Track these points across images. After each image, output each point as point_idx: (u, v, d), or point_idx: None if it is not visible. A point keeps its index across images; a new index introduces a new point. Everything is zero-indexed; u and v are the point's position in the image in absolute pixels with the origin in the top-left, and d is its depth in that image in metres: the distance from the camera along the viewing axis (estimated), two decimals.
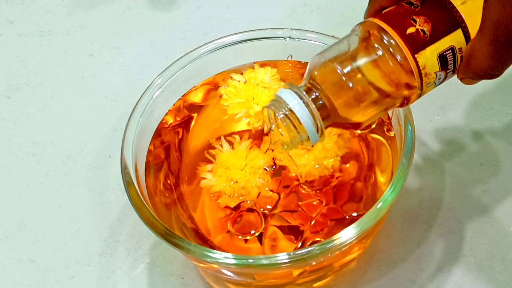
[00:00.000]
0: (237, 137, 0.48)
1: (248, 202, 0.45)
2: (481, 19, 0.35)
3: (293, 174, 0.46)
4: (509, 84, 0.58)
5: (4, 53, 0.66)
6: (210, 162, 0.47)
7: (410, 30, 0.36)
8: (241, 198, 0.45)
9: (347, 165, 0.46)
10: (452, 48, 0.37)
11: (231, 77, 0.50)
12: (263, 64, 0.50)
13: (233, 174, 0.45)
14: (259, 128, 0.48)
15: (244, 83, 0.49)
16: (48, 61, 0.65)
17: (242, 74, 0.50)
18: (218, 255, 0.40)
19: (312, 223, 0.44)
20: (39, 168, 0.57)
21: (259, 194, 0.45)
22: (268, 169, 0.46)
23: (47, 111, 0.61)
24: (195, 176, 0.47)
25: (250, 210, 0.45)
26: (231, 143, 0.47)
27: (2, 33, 0.68)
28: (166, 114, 0.49)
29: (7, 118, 0.61)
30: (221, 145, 0.47)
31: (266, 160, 0.46)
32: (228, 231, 0.45)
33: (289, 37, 0.49)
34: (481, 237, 0.49)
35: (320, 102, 0.37)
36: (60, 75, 0.64)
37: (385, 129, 0.47)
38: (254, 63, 0.50)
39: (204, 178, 0.46)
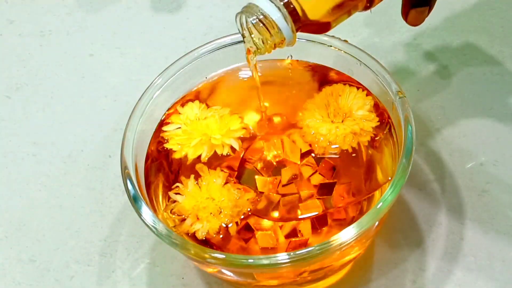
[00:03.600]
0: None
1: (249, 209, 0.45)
2: None
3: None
4: (509, 83, 0.58)
5: (4, 53, 0.66)
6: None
7: None
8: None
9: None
10: None
11: (166, 130, 0.48)
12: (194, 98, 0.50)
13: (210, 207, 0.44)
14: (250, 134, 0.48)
15: (184, 125, 0.48)
16: (48, 61, 0.65)
17: (171, 123, 0.48)
18: (218, 255, 0.40)
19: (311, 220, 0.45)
20: (39, 168, 0.57)
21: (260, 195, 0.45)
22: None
23: (47, 111, 0.61)
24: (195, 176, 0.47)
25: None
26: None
27: (2, 33, 0.68)
28: (166, 114, 0.49)
29: (7, 118, 0.61)
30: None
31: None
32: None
33: None
34: (481, 237, 0.49)
35: (291, 6, 0.41)
36: (60, 75, 0.64)
37: (386, 128, 0.47)
38: (176, 107, 0.49)
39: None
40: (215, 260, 0.40)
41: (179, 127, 0.48)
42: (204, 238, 0.43)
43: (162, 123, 0.49)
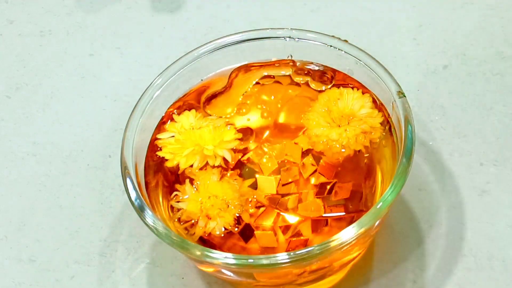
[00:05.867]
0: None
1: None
2: None
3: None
4: (509, 84, 0.58)
5: (4, 53, 0.66)
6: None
7: None
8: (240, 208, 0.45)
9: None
10: None
11: (160, 138, 0.48)
12: (183, 106, 0.49)
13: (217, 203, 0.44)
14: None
15: (178, 133, 0.47)
16: (48, 61, 0.65)
17: (166, 131, 0.48)
18: (218, 255, 0.40)
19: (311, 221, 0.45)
20: (39, 168, 0.57)
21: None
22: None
23: (47, 111, 0.61)
24: None
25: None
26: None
27: (2, 33, 0.68)
28: (166, 114, 0.49)
29: (7, 118, 0.61)
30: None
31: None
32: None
33: (289, 37, 0.49)
34: (481, 237, 0.49)
35: None
36: (60, 75, 0.64)
37: (386, 128, 0.47)
38: (172, 114, 0.49)
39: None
40: (215, 260, 0.40)
41: (173, 136, 0.48)
42: (222, 235, 0.44)
43: (162, 123, 0.49)
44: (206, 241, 0.44)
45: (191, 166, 0.46)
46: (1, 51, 0.66)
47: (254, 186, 0.46)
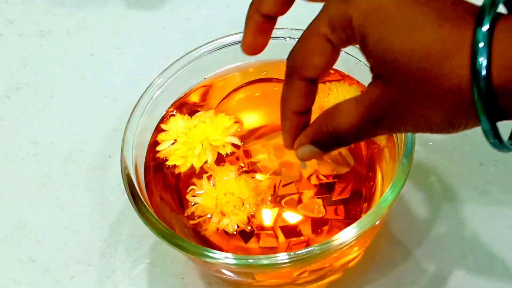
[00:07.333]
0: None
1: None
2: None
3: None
4: None
5: (4, 53, 0.66)
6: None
7: None
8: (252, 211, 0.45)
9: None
10: None
11: (160, 150, 0.48)
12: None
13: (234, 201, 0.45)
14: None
15: (179, 137, 0.48)
16: (48, 61, 0.65)
17: (161, 142, 0.48)
18: (218, 255, 0.40)
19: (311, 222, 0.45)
20: (39, 168, 0.57)
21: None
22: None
23: (47, 111, 0.61)
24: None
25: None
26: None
27: (2, 33, 0.68)
28: (166, 114, 0.49)
29: (7, 118, 0.61)
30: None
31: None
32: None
33: (289, 37, 0.49)
34: (481, 237, 0.49)
35: None
36: (60, 75, 0.64)
37: None
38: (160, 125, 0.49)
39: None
40: (215, 260, 0.40)
41: (173, 143, 0.47)
42: (235, 233, 0.44)
43: (161, 123, 0.49)
44: (207, 241, 0.44)
45: (205, 162, 0.46)
46: (1, 51, 0.66)
47: None
